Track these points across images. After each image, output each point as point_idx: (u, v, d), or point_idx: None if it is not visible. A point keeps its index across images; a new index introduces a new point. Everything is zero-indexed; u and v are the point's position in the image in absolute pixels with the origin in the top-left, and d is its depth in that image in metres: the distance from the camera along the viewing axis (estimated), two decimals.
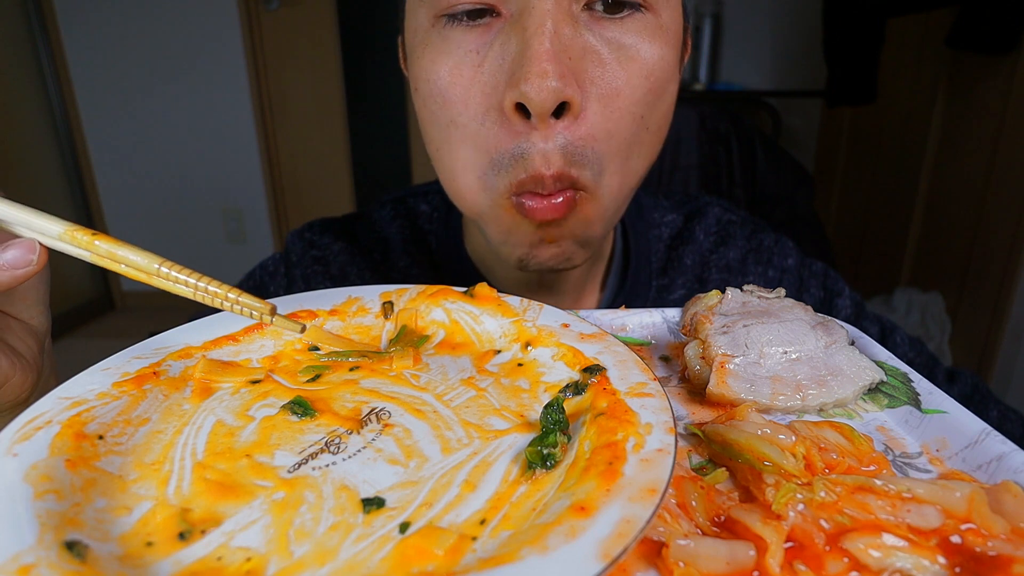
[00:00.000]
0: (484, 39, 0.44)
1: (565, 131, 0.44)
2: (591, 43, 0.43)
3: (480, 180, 0.47)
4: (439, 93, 0.46)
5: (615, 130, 0.45)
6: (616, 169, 0.47)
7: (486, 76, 0.44)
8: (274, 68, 2.81)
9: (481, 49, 0.44)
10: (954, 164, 1.93)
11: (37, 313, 0.40)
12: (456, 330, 0.40)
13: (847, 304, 0.67)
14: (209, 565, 0.23)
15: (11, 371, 0.37)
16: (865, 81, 2.04)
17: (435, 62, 0.46)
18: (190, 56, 2.76)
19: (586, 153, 0.45)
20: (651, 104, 0.46)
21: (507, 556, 0.21)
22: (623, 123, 0.45)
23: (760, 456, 0.28)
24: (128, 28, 2.72)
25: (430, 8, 0.46)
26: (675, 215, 0.70)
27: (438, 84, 0.46)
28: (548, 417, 0.29)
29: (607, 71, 0.44)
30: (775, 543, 0.24)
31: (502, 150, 0.45)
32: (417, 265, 0.67)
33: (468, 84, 0.45)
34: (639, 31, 0.44)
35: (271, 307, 0.33)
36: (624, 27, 0.44)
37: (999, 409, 0.64)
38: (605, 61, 0.44)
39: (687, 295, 0.66)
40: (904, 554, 0.23)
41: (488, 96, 0.45)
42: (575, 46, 0.42)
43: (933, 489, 0.26)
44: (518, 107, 0.43)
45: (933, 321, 1.92)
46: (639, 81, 0.45)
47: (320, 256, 0.68)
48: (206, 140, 2.88)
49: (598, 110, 0.44)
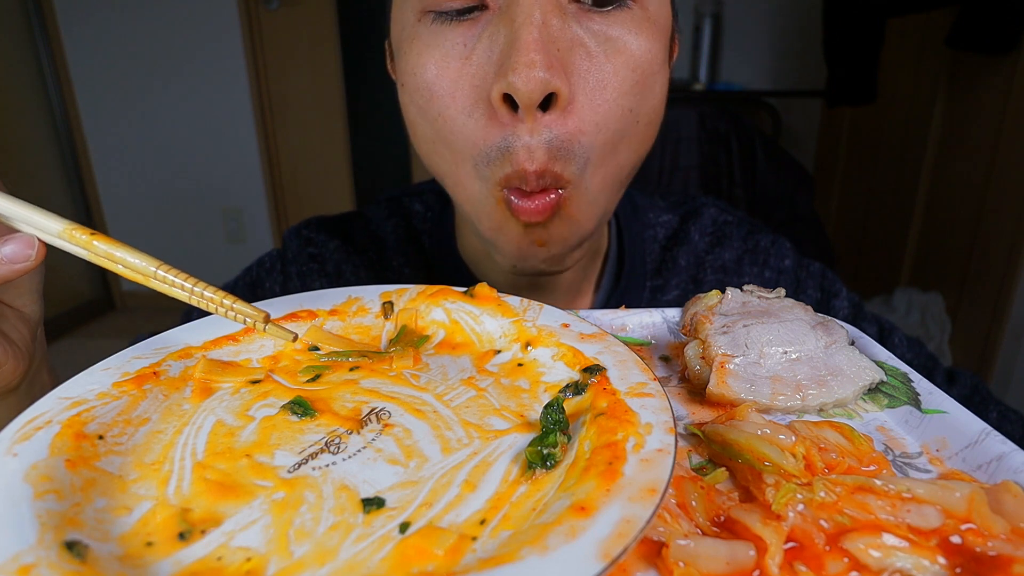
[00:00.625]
0: (472, 32, 0.44)
1: (552, 125, 0.43)
2: (579, 35, 0.43)
3: (475, 169, 0.47)
4: (426, 87, 0.46)
5: (603, 123, 0.45)
6: (602, 162, 0.47)
7: (474, 68, 0.44)
8: (274, 68, 2.81)
9: (469, 42, 0.44)
10: (954, 164, 1.93)
11: (30, 302, 0.40)
12: (456, 330, 0.40)
13: (845, 305, 0.67)
14: (209, 565, 0.23)
15: (4, 358, 0.37)
16: (865, 81, 2.04)
17: (422, 55, 0.45)
18: (190, 56, 2.76)
19: (572, 148, 0.44)
20: (639, 96, 0.46)
21: (507, 556, 0.21)
22: (611, 115, 0.45)
23: (760, 456, 0.28)
24: (128, 28, 2.72)
25: (417, 3, 0.46)
26: (671, 216, 0.70)
27: (425, 78, 0.46)
28: (548, 417, 0.29)
29: (594, 63, 0.44)
30: (775, 544, 0.24)
31: (489, 143, 0.45)
32: (410, 265, 0.67)
33: (456, 77, 0.45)
34: (626, 23, 0.44)
35: (264, 315, 0.33)
36: (611, 19, 0.44)
37: (999, 410, 0.64)
38: (592, 53, 0.44)
39: (681, 296, 0.66)
40: (904, 554, 0.23)
41: (476, 88, 0.44)
42: (563, 37, 0.42)
43: (933, 489, 0.26)
44: (505, 98, 0.43)
45: (933, 321, 1.92)
46: (626, 73, 0.44)
47: (316, 253, 0.68)
48: (206, 140, 2.88)
49: (585, 102, 0.44)
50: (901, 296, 2.03)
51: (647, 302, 0.66)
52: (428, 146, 0.50)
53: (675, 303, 0.66)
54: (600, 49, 0.44)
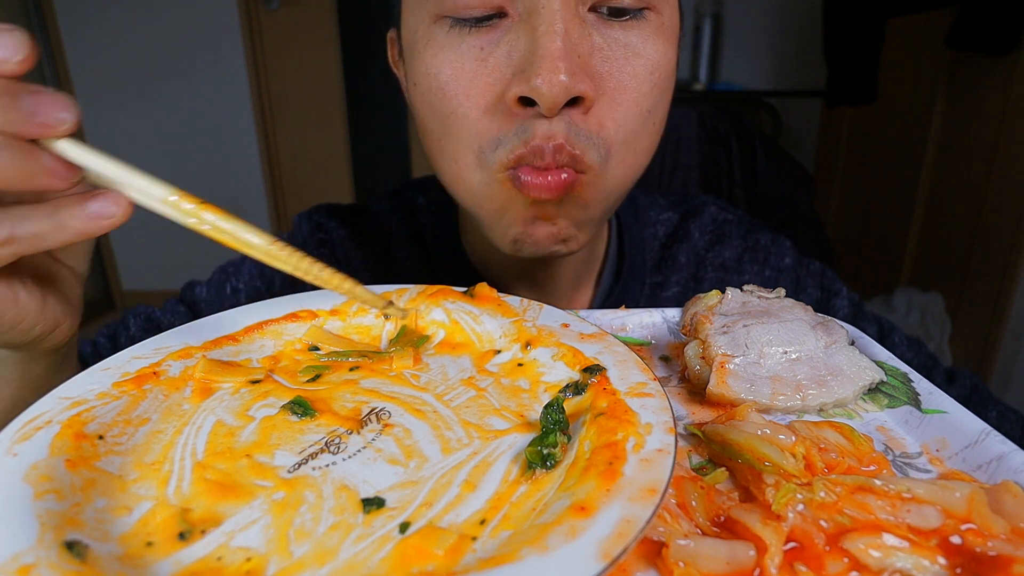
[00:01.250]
0: (490, 37, 0.45)
1: (572, 116, 0.44)
2: (598, 42, 0.45)
3: (477, 158, 0.47)
4: (439, 88, 0.46)
5: (623, 121, 0.46)
6: (622, 158, 0.48)
7: (490, 70, 0.45)
8: (274, 68, 2.81)
9: (487, 46, 0.45)
10: (954, 164, 1.92)
11: (84, 260, 0.41)
12: (456, 330, 0.40)
13: (845, 304, 0.68)
14: (209, 565, 0.23)
15: (63, 316, 0.38)
16: (865, 81, 2.04)
17: (437, 57, 0.46)
18: (190, 56, 2.76)
19: (591, 135, 0.45)
20: (656, 99, 0.48)
21: (507, 556, 0.21)
22: (630, 115, 0.46)
23: (760, 456, 0.28)
24: (128, 28, 2.72)
25: (435, 7, 0.46)
26: (671, 213, 0.70)
27: (439, 79, 0.46)
28: (548, 417, 0.29)
29: (614, 67, 0.45)
30: (775, 544, 0.24)
31: (504, 131, 0.46)
32: (412, 259, 0.67)
33: (471, 78, 0.45)
34: (643, 31, 0.46)
35: (387, 299, 0.34)
36: (628, 28, 0.45)
37: (998, 409, 0.64)
38: (612, 59, 0.45)
39: (681, 293, 0.66)
40: (904, 554, 0.23)
41: (491, 88, 0.45)
42: (584, 44, 0.43)
43: (933, 489, 0.26)
44: (521, 100, 0.43)
45: (933, 321, 1.92)
46: (645, 76, 0.46)
47: (327, 239, 0.68)
48: (206, 140, 2.88)
49: (606, 103, 0.45)
50: (901, 296, 2.03)
51: (647, 299, 0.66)
52: (433, 142, 0.50)
53: (675, 300, 0.66)
54: (620, 55, 0.45)
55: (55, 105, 0.30)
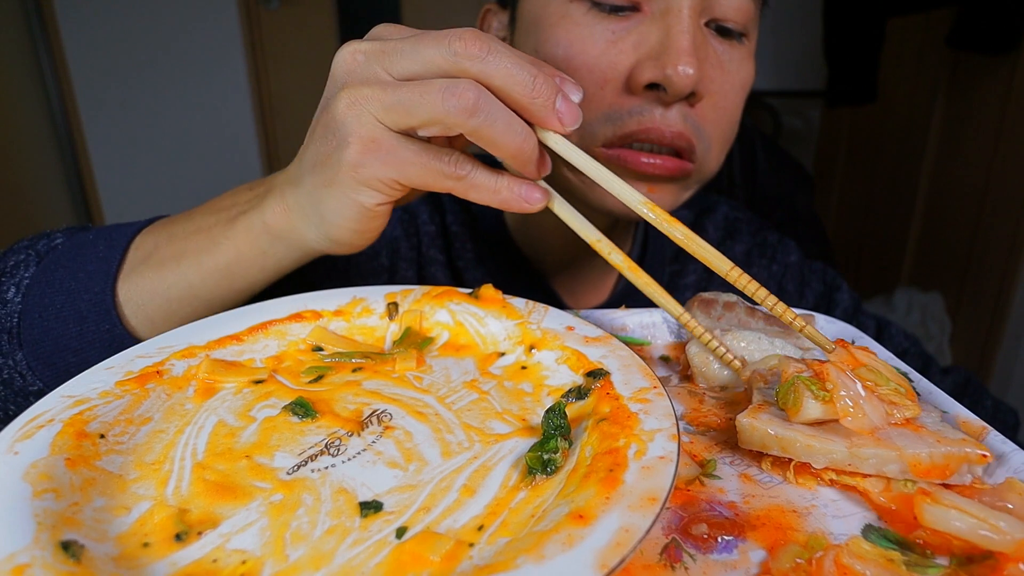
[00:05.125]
0: (622, 26, 0.50)
1: (684, 108, 0.50)
2: (712, 52, 0.51)
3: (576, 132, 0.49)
4: (567, 59, 0.51)
5: (718, 123, 0.53)
6: (716, 155, 0.55)
7: (616, 52, 0.50)
8: (274, 68, 2.81)
9: (618, 32, 0.50)
10: (954, 164, 1.92)
11: None
12: (460, 332, 0.40)
13: (846, 297, 0.72)
14: (204, 567, 0.23)
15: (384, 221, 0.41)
16: (865, 81, 2.03)
17: (571, 32, 0.51)
18: (190, 56, 2.75)
19: (702, 128, 0.52)
20: (741, 112, 0.56)
21: (502, 564, 0.21)
22: (724, 119, 0.54)
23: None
24: (128, 28, 2.71)
25: None
26: (686, 211, 0.75)
27: (568, 50, 0.51)
28: (550, 422, 0.29)
29: (722, 75, 0.52)
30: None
31: (620, 107, 0.50)
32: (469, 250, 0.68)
33: (598, 55, 0.50)
34: (741, 52, 0.54)
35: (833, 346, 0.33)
36: (732, 47, 0.53)
37: (993, 400, 0.68)
38: (720, 68, 0.52)
39: (698, 280, 0.71)
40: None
41: (613, 68, 0.50)
42: (704, 49, 0.50)
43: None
44: (648, 86, 0.49)
45: (933, 321, 1.92)
46: (739, 90, 0.54)
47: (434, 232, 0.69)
48: (206, 140, 2.88)
49: (709, 105, 0.52)
50: (901, 296, 2.03)
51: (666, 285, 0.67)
52: None
53: (693, 287, 0.71)
54: (726, 67, 0.52)
55: (574, 114, 0.35)
